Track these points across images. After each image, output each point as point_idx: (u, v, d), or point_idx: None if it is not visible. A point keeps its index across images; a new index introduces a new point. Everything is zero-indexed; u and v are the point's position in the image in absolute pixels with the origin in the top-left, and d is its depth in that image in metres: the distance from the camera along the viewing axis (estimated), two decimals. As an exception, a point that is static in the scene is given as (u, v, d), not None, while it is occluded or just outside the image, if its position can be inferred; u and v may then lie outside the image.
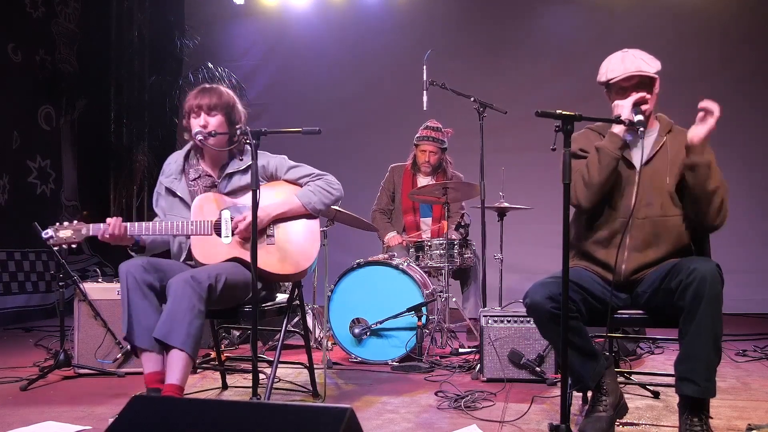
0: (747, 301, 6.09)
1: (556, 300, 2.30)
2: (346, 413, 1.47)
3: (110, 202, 7.30)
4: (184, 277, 2.49)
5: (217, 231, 2.77)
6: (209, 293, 2.52)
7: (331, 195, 2.90)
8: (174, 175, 2.94)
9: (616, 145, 2.48)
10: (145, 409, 1.62)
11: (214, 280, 2.55)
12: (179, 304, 2.46)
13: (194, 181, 2.92)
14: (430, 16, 7.13)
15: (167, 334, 2.45)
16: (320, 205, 2.87)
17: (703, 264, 2.29)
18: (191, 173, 2.94)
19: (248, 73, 7.39)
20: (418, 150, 4.74)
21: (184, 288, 2.47)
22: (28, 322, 5.77)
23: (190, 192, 2.89)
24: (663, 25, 6.63)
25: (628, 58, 2.54)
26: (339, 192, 2.92)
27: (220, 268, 2.65)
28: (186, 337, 2.45)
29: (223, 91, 2.88)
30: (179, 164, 2.96)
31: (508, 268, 4.31)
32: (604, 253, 2.54)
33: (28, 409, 2.92)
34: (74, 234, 2.71)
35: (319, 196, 2.87)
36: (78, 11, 6.94)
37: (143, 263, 2.60)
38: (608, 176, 2.48)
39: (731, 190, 2.54)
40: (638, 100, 2.47)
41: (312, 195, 2.86)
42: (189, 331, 2.45)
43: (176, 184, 2.91)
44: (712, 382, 2.27)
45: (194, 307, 2.46)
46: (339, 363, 3.92)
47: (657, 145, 2.57)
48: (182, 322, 2.44)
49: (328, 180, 2.92)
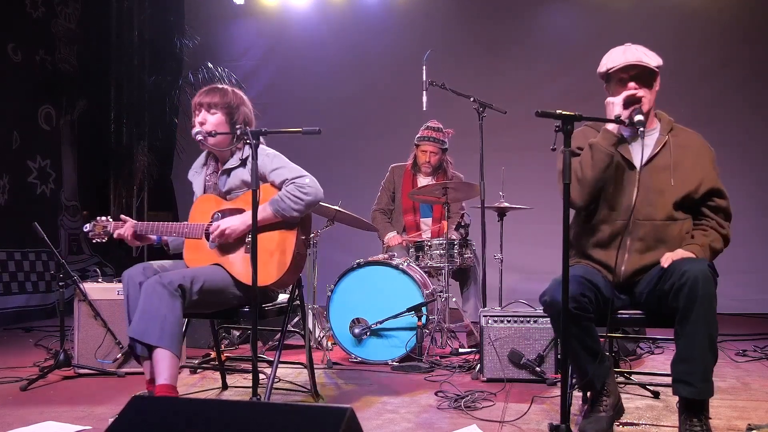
0: (747, 301, 6.09)
1: (577, 299, 2.30)
2: (346, 413, 1.47)
3: (110, 202, 7.30)
4: (156, 278, 2.52)
5: (208, 235, 2.78)
6: (182, 292, 2.52)
7: (301, 201, 2.71)
8: (196, 169, 3.01)
9: (609, 142, 2.46)
10: (145, 409, 1.63)
11: (188, 282, 2.55)
12: (150, 303, 2.47)
13: (210, 175, 2.95)
14: (430, 16, 7.12)
15: (143, 332, 2.46)
16: (291, 211, 2.71)
17: (694, 265, 2.28)
18: (210, 167, 2.97)
19: (248, 73, 7.39)
20: (419, 150, 4.74)
21: (154, 287, 2.49)
22: (28, 322, 5.76)
23: (205, 186, 2.94)
24: (663, 25, 6.62)
25: (629, 50, 2.53)
26: (312, 196, 2.72)
27: (197, 271, 2.66)
28: (161, 332, 2.44)
29: (229, 92, 2.87)
30: (202, 159, 3.02)
31: (508, 268, 4.30)
32: (604, 254, 2.53)
33: (28, 409, 2.92)
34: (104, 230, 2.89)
35: (289, 202, 2.71)
36: (78, 11, 6.94)
37: (143, 268, 2.63)
38: (601, 173, 2.45)
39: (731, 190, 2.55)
40: (629, 97, 2.45)
41: (281, 202, 2.72)
42: (163, 326, 2.45)
43: (195, 177, 2.98)
44: (709, 382, 2.27)
45: (166, 304, 2.47)
46: (339, 363, 3.91)
47: (659, 144, 2.54)
48: (155, 318, 2.45)
49: (299, 183, 2.73)
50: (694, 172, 2.50)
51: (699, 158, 2.54)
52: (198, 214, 2.83)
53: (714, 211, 2.53)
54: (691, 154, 2.53)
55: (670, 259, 2.39)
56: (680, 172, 2.50)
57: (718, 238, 2.50)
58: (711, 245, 2.47)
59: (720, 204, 2.53)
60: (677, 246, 2.48)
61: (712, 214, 2.53)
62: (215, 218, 2.80)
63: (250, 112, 2.91)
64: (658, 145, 2.53)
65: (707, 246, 2.46)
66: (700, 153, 2.55)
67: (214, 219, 2.80)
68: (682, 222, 2.51)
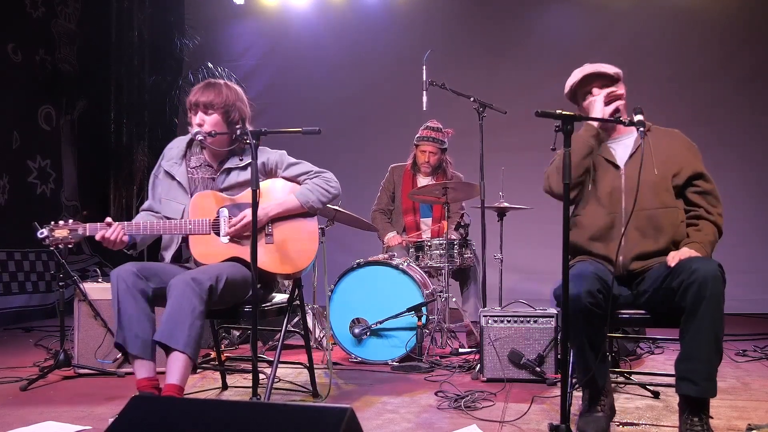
0: (747, 301, 6.08)
1: (594, 296, 2.30)
2: (346, 413, 1.47)
3: (110, 202, 7.30)
4: (185, 278, 2.48)
5: (215, 229, 2.77)
6: (210, 294, 2.51)
7: (328, 193, 2.88)
8: (174, 159, 2.92)
9: (590, 133, 2.60)
10: (145, 409, 1.63)
11: (215, 281, 2.54)
12: (180, 306, 2.45)
13: (194, 168, 2.91)
14: (430, 16, 7.13)
15: (170, 336, 2.44)
16: (318, 203, 2.86)
17: (704, 264, 2.29)
18: (192, 160, 2.92)
19: (248, 73, 7.39)
20: (418, 150, 4.74)
21: (185, 289, 2.46)
22: (28, 322, 5.77)
23: (189, 178, 2.88)
24: (663, 25, 6.63)
25: (586, 66, 2.69)
26: (337, 190, 2.91)
27: (220, 268, 2.64)
28: (188, 339, 2.44)
29: (224, 89, 2.85)
30: (181, 149, 2.94)
31: (508, 268, 4.31)
32: (603, 246, 2.57)
33: (28, 409, 2.92)
34: (70, 234, 2.66)
35: (317, 194, 2.86)
36: (78, 11, 6.94)
37: (136, 269, 2.56)
38: (579, 161, 2.54)
39: (732, 190, 2.57)
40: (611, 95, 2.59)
41: (310, 193, 2.85)
42: (190, 333, 2.45)
43: (176, 168, 2.90)
44: (713, 381, 2.27)
45: (195, 308, 2.45)
46: (339, 363, 3.92)
47: (636, 142, 2.62)
48: (183, 324, 2.44)
49: (326, 177, 2.91)
50: (674, 159, 2.60)
51: (677, 148, 2.64)
52: (198, 211, 2.80)
53: (701, 195, 2.59)
54: (667, 145, 2.63)
55: (678, 258, 2.39)
56: (660, 161, 2.58)
57: (713, 230, 2.54)
58: (709, 240, 2.51)
59: (705, 187, 2.59)
60: (673, 232, 2.53)
61: (699, 199, 2.59)
62: (221, 214, 2.79)
63: (245, 106, 2.91)
64: (637, 143, 2.62)
65: (707, 243, 2.50)
66: (678, 143, 2.66)
67: (220, 214, 2.79)
68: (675, 209, 2.57)
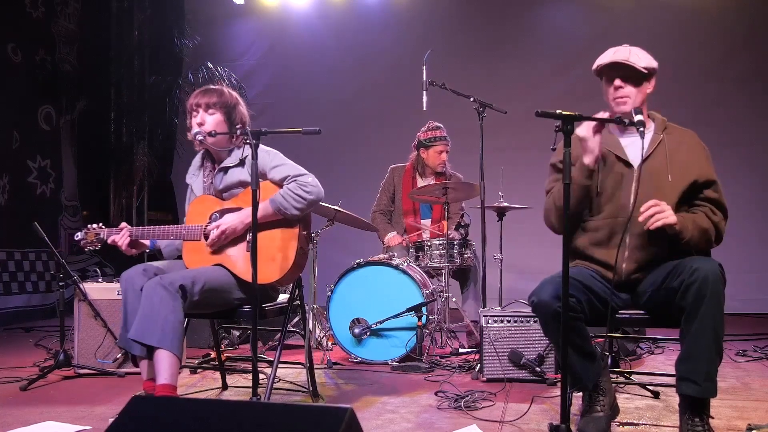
0: (747, 301, 6.09)
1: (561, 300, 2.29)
2: (346, 413, 1.46)
3: (110, 202, 7.30)
4: (155, 279, 2.50)
5: (206, 236, 2.77)
6: (183, 293, 2.51)
7: (303, 199, 2.72)
8: (193, 171, 2.99)
9: (583, 174, 2.47)
10: (145, 409, 1.62)
11: (189, 282, 2.54)
12: (150, 304, 2.46)
13: (207, 176, 2.94)
14: (429, 16, 7.13)
15: (142, 333, 2.44)
16: (293, 210, 2.71)
17: (705, 263, 2.29)
18: (207, 168, 2.95)
19: (248, 73, 7.40)
20: (431, 151, 4.68)
21: (155, 288, 2.47)
22: (28, 322, 5.77)
23: (204, 188, 2.92)
24: (663, 25, 6.62)
25: (621, 50, 2.55)
26: (314, 194, 2.74)
27: (199, 272, 2.65)
28: (161, 334, 2.43)
29: (225, 92, 2.88)
30: (198, 161, 3.00)
31: (508, 268, 4.31)
32: (604, 252, 2.53)
33: (28, 409, 2.92)
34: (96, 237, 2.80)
35: (290, 201, 2.71)
36: (78, 11, 6.94)
37: (143, 269, 2.60)
38: (577, 204, 2.49)
39: (732, 191, 2.55)
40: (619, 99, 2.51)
41: (283, 200, 2.71)
42: (164, 327, 2.44)
43: (194, 180, 2.97)
44: (713, 381, 2.26)
45: (167, 305, 2.45)
46: (339, 363, 3.92)
47: (654, 143, 2.56)
48: (155, 320, 2.44)
49: (301, 182, 2.74)
50: (690, 168, 2.52)
51: (693, 154, 2.56)
52: (195, 216, 2.82)
53: (706, 201, 2.54)
54: (685, 150, 2.56)
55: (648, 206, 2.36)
56: (676, 167, 2.52)
57: (706, 220, 2.48)
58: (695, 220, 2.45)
59: (710, 195, 2.53)
60: (677, 242, 2.47)
61: (703, 203, 2.54)
62: (213, 219, 2.79)
63: (245, 110, 2.93)
64: (653, 144, 2.56)
65: (688, 218, 2.44)
66: (694, 149, 2.58)
67: (212, 219, 2.79)
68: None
